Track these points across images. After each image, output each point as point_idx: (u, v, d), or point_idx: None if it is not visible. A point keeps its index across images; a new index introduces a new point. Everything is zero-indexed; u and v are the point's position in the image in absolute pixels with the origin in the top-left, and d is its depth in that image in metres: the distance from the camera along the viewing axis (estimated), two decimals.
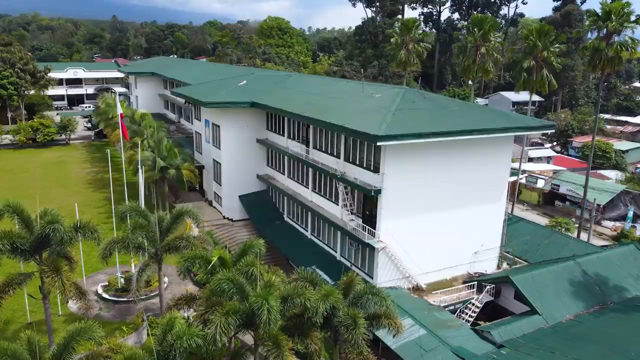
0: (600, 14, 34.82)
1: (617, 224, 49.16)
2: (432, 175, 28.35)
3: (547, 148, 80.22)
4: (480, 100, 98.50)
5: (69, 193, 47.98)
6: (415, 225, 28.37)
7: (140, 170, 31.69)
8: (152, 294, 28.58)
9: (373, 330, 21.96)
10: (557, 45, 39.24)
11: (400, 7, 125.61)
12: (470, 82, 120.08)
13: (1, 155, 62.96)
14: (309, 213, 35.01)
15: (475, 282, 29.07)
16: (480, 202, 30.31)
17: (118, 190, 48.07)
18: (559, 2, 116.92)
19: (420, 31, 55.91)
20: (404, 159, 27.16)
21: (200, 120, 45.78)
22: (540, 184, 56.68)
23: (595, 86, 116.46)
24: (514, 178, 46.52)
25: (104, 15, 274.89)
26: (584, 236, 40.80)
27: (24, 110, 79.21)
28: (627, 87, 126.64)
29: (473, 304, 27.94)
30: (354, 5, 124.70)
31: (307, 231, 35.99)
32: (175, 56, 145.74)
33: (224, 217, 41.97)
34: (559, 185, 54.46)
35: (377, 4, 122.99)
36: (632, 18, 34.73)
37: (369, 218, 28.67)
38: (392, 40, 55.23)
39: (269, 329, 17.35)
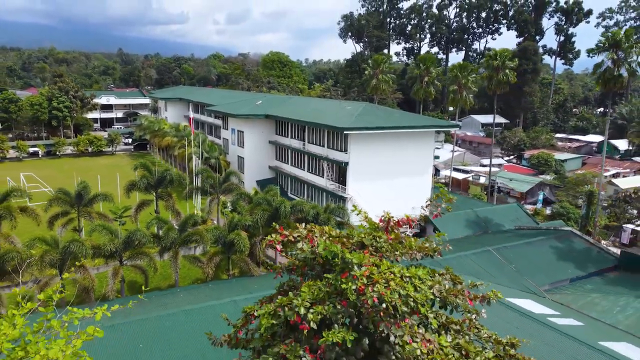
0: (491, 55, 53.19)
1: (534, 206, 66.58)
2: (381, 154, 45.75)
3: (501, 158, 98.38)
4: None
5: None
6: (371, 186, 45.62)
7: (195, 157, 49.09)
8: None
9: None
10: (473, 75, 57.45)
11: (386, 43, 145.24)
12: (451, 108, 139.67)
13: (66, 161, 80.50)
14: (305, 186, 52.30)
15: None
16: (414, 174, 47.68)
17: None
18: (522, 39, 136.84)
19: (387, 65, 74.02)
20: (363, 144, 44.62)
21: (227, 129, 63.50)
22: (482, 180, 74.36)
23: (554, 110, 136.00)
24: (450, 171, 64.13)
25: (107, 48, 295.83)
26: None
27: (72, 129, 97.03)
28: (592, 112, 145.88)
29: (405, 233, 44.98)
30: (344, 41, 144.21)
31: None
32: (183, 85, 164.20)
33: None
34: (495, 180, 72.15)
35: (365, 39, 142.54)
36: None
37: (342, 182, 46.02)
38: (366, 72, 73.67)
39: (285, 218, 34.61)
